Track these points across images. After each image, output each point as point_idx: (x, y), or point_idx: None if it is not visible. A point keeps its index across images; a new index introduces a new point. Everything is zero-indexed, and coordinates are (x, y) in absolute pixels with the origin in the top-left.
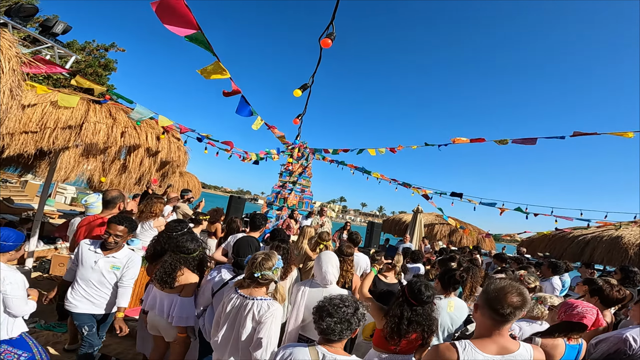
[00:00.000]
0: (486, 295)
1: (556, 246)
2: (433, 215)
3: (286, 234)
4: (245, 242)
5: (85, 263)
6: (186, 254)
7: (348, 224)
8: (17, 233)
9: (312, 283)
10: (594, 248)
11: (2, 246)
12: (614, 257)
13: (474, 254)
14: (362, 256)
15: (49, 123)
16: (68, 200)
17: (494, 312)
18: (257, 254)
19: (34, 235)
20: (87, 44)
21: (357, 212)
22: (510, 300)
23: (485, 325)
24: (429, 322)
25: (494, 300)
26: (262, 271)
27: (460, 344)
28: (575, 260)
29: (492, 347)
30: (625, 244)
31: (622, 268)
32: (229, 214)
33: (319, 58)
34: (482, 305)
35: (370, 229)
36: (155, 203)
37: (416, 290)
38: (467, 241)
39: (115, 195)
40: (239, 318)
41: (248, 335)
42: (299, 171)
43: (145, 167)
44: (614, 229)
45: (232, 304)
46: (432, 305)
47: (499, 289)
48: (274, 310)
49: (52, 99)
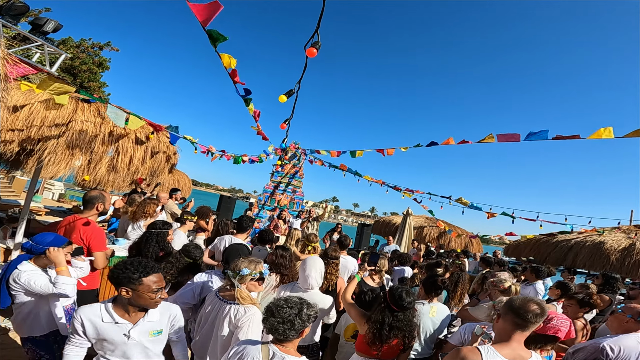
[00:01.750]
0: (511, 304)
1: (540, 250)
2: (423, 217)
3: (274, 234)
4: (234, 251)
5: (114, 341)
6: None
7: (339, 226)
8: (57, 237)
9: (294, 287)
10: (576, 253)
11: (36, 248)
12: (596, 262)
13: (461, 258)
14: (350, 259)
15: (35, 121)
16: (56, 197)
17: (517, 317)
18: (240, 261)
19: (19, 233)
20: (83, 41)
21: (350, 213)
22: (533, 308)
23: (505, 330)
24: (409, 328)
25: (518, 308)
26: (239, 274)
27: (483, 348)
28: (558, 264)
29: (509, 352)
30: (608, 249)
31: (604, 274)
32: (220, 213)
33: (304, 66)
34: (505, 312)
35: (360, 231)
36: (149, 204)
37: (397, 296)
38: (455, 244)
39: (94, 196)
40: (217, 321)
41: (225, 338)
42: (291, 172)
43: (135, 165)
44: (598, 234)
45: (212, 307)
46: (413, 311)
47: (523, 299)
48: (250, 315)
49: (40, 99)
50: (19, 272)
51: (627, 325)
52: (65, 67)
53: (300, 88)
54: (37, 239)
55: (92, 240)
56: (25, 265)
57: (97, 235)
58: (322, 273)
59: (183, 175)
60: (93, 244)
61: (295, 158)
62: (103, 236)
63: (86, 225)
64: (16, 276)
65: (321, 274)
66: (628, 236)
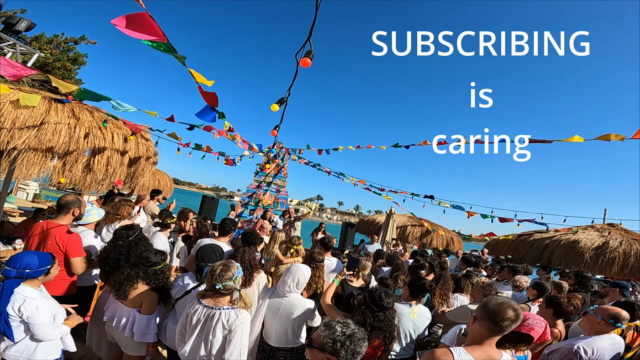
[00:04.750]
0: (486, 309)
1: (518, 249)
2: (406, 216)
3: (260, 237)
4: (209, 249)
5: None
6: (145, 266)
7: (323, 225)
8: (41, 257)
9: (275, 291)
10: (552, 251)
11: (26, 274)
12: (571, 260)
13: (443, 257)
14: (334, 260)
15: (6, 123)
16: (30, 197)
17: (492, 324)
18: (216, 266)
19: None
20: (55, 37)
21: (334, 211)
22: (509, 315)
23: (480, 334)
24: (390, 328)
25: (493, 314)
26: (223, 282)
27: (455, 350)
28: (535, 262)
29: (480, 354)
30: (582, 247)
31: (576, 273)
32: (202, 214)
33: (295, 74)
34: (481, 317)
35: (344, 230)
36: (124, 205)
37: (377, 297)
38: (437, 242)
39: (69, 201)
40: (207, 329)
41: (220, 345)
42: (275, 171)
43: (112, 167)
44: (571, 233)
45: (198, 315)
46: (393, 311)
47: (498, 304)
48: (242, 319)
49: (12, 98)
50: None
51: (598, 327)
52: (38, 65)
53: (290, 95)
54: (22, 264)
55: (69, 247)
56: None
57: (73, 241)
58: (304, 281)
59: (164, 175)
60: (70, 250)
61: (279, 157)
62: (79, 242)
63: (62, 232)
64: (21, 303)
65: (299, 282)
66: (602, 234)
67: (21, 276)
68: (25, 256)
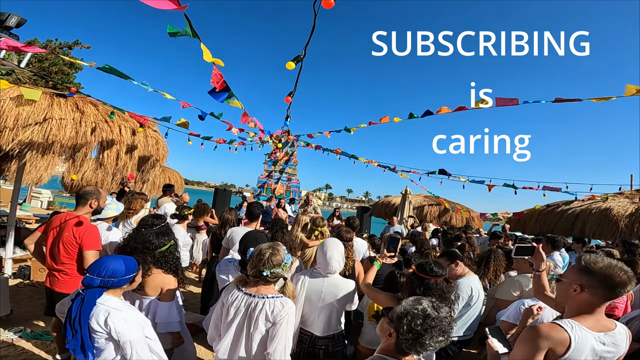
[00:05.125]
0: (594, 275)
1: (546, 221)
2: (421, 196)
3: (285, 223)
4: (253, 239)
5: None
6: (149, 249)
7: (337, 211)
8: (128, 263)
9: (313, 272)
10: (584, 221)
11: (111, 283)
12: (605, 229)
13: (469, 233)
14: (359, 241)
15: (8, 120)
16: (44, 205)
17: (608, 290)
18: (263, 249)
19: (9, 241)
20: (49, 42)
21: (344, 199)
22: (623, 278)
23: (590, 303)
24: (442, 297)
25: (608, 279)
26: (272, 268)
27: (564, 323)
28: (566, 235)
29: (594, 324)
30: (615, 215)
31: (624, 241)
32: (215, 207)
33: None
34: (593, 285)
35: (360, 215)
36: (137, 199)
37: (425, 265)
38: (456, 221)
39: (88, 191)
40: (248, 319)
41: (262, 337)
42: (285, 159)
43: (122, 162)
44: (601, 201)
45: (237, 304)
46: (446, 283)
47: (607, 267)
48: (288, 309)
49: (12, 95)
50: (108, 311)
51: None
52: (35, 70)
53: (306, 55)
54: (108, 272)
55: (84, 238)
56: (112, 300)
57: (90, 233)
58: (343, 254)
59: (174, 172)
60: (85, 242)
61: (288, 145)
62: (97, 234)
63: (79, 224)
64: (107, 316)
65: (343, 256)
66: (632, 201)
67: (105, 285)
68: (111, 263)
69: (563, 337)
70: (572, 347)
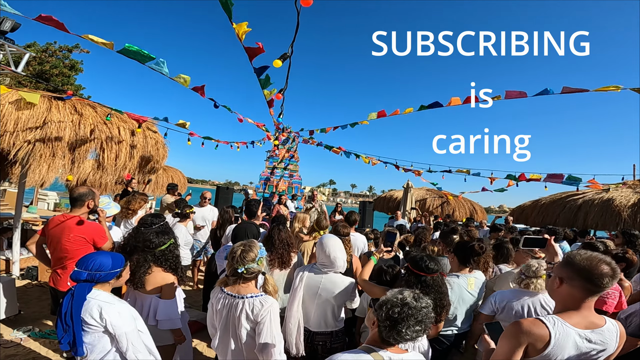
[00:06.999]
0: (573, 266)
1: (549, 212)
2: (424, 189)
3: (285, 219)
4: (242, 230)
5: None
6: (149, 248)
7: (339, 206)
8: (115, 258)
9: (313, 267)
10: (586, 212)
11: (98, 277)
12: (608, 220)
13: (470, 226)
14: (359, 236)
15: (8, 125)
16: (51, 207)
17: (588, 282)
18: (235, 247)
19: (16, 243)
20: (49, 45)
21: (348, 194)
22: (605, 270)
23: (573, 297)
24: (439, 295)
25: (586, 271)
26: (245, 265)
27: (547, 319)
28: (569, 226)
29: (581, 321)
30: (618, 206)
31: (624, 232)
32: (218, 205)
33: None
34: (571, 277)
35: (362, 209)
36: (136, 199)
37: (418, 259)
38: (459, 213)
39: (83, 192)
40: (232, 320)
41: (248, 336)
42: (286, 156)
43: (121, 162)
44: (604, 191)
45: (221, 306)
46: (441, 277)
47: (587, 259)
48: (268, 307)
49: (11, 99)
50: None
51: None
52: (35, 73)
53: (293, 52)
54: (95, 265)
55: (95, 236)
56: (102, 295)
57: (96, 229)
58: (344, 251)
59: (177, 171)
60: (97, 239)
61: (289, 142)
62: (101, 228)
63: (81, 224)
64: (100, 310)
65: (344, 253)
66: (635, 191)
67: (92, 279)
68: (98, 256)
69: (543, 333)
70: (551, 343)
